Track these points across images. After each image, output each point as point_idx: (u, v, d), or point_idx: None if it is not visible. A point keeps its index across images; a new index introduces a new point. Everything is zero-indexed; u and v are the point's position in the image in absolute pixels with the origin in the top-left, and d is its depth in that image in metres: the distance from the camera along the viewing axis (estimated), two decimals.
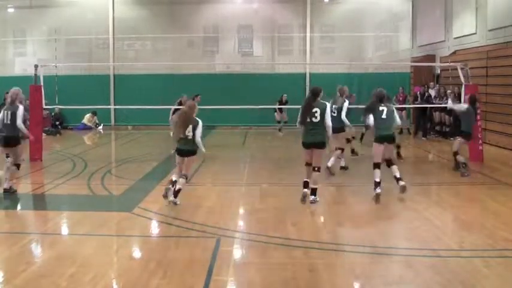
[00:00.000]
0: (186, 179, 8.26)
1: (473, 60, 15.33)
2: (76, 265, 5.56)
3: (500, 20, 14.96)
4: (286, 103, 18.68)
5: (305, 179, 8.32)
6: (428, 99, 17.30)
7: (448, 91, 16.45)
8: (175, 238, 6.65)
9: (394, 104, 15.77)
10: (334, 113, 10.50)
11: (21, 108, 8.95)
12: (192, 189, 9.70)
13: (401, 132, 17.02)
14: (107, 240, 6.62)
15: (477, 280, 5.17)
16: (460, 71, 13.09)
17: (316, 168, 8.23)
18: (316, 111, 8.12)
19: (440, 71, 19.10)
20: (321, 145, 8.24)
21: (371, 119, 8.63)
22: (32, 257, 5.98)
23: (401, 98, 18.50)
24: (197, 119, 8.16)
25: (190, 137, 8.04)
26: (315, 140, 8.18)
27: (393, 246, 6.29)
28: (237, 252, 6.15)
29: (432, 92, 17.86)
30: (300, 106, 8.40)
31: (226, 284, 5.21)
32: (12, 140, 8.97)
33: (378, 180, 8.46)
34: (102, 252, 6.19)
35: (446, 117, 17.18)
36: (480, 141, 12.53)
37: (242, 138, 17.72)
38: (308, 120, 8.14)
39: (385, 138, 8.60)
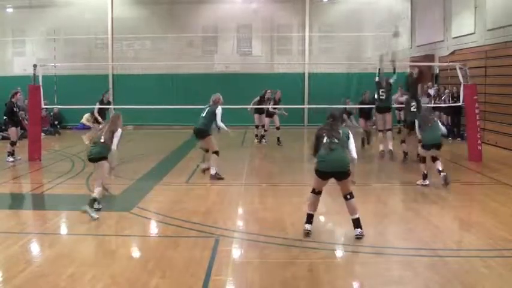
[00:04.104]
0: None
1: (472, 60, 15.34)
2: (75, 265, 5.56)
3: (499, 20, 14.96)
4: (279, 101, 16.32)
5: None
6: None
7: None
8: (174, 238, 6.64)
9: (392, 104, 15.89)
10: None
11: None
12: (191, 189, 9.71)
13: (399, 131, 17.01)
14: (105, 240, 6.61)
15: (476, 280, 5.17)
16: (458, 70, 13.09)
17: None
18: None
19: (439, 70, 19.11)
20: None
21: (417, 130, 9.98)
22: (31, 257, 5.97)
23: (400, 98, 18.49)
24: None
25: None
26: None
27: (392, 246, 6.30)
28: (236, 252, 6.15)
29: (431, 92, 17.88)
30: (297, 106, 8.37)
31: (225, 284, 5.21)
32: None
33: (425, 172, 9.61)
34: (101, 252, 6.19)
35: (445, 116, 17.19)
36: (479, 141, 12.54)
37: (241, 138, 17.71)
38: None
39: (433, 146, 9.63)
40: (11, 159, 12.60)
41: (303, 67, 22.59)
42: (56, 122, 21.12)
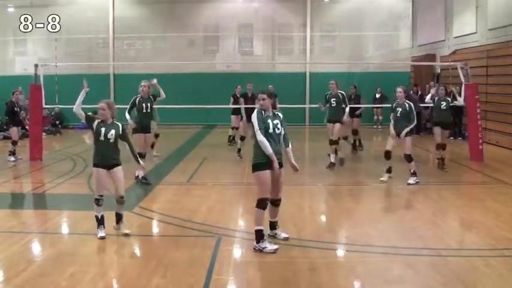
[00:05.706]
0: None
1: (473, 59, 15.32)
2: (76, 264, 5.56)
3: (501, 19, 14.95)
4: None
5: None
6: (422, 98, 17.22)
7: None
8: (175, 237, 6.64)
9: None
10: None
11: None
12: (192, 188, 9.71)
13: None
14: (107, 239, 6.61)
15: (477, 279, 5.17)
16: (460, 70, 13.07)
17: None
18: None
19: (441, 70, 19.09)
20: None
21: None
22: (32, 256, 5.98)
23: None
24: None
25: None
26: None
27: (393, 246, 6.28)
28: (237, 252, 6.14)
29: (432, 91, 17.82)
30: (298, 106, 8.31)
31: (227, 283, 5.21)
32: None
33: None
34: (102, 251, 6.19)
35: None
36: (480, 141, 12.52)
37: None
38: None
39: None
40: (12, 158, 12.62)
41: (304, 66, 22.62)
42: (57, 122, 21.14)
